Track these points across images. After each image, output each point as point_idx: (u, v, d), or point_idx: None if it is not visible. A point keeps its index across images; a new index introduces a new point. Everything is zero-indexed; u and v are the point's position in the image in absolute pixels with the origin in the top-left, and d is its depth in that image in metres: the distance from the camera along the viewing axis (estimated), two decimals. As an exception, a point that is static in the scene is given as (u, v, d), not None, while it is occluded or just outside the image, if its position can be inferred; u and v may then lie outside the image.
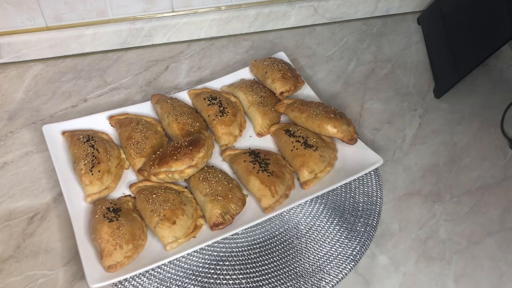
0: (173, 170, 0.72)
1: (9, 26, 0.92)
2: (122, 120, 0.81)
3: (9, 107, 0.89)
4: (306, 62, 1.00)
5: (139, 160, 0.76)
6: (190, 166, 0.72)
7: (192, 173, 0.73)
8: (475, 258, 0.71)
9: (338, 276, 0.67)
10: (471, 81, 0.95)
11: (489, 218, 0.76)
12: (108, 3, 0.93)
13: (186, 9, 0.98)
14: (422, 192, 0.79)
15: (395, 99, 0.93)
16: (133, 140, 0.77)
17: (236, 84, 0.90)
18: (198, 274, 0.67)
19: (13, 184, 0.78)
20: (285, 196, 0.73)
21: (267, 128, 0.83)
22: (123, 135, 0.79)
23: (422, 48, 1.03)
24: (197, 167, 0.73)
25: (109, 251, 0.64)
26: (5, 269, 0.69)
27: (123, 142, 0.78)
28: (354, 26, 1.08)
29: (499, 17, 0.85)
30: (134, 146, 0.77)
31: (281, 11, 1.03)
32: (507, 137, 0.87)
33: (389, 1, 1.07)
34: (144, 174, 0.73)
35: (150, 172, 0.73)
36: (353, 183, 0.77)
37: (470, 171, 0.82)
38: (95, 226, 0.67)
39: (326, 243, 0.70)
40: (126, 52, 1.00)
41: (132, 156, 0.76)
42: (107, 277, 0.63)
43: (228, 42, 1.03)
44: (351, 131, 0.80)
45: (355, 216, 0.73)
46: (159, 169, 0.72)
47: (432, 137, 0.87)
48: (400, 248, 0.72)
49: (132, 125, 0.79)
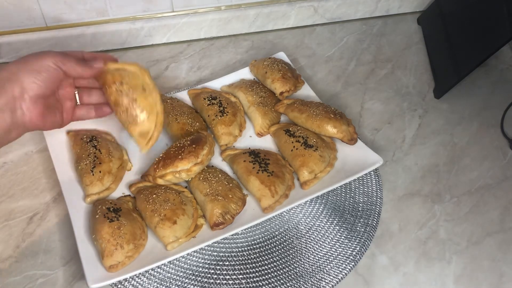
0: (179, 169, 0.72)
1: (9, 26, 0.92)
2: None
3: (9, 106, 0.89)
4: (306, 62, 1.00)
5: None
6: (196, 164, 0.72)
7: (199, 170, 0.73)
8: (475, 258, 0.71)
9: (338, 276, 0.67)
10: (471, 82, 0.95)
11: (489, 218, 0.76)
12: (108, 3, 0.93)
13: (186, 9, 0.98)
14: (422, 192, 0.79)
15: (395, 99, 0.93)
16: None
17: (236, 84, 0.90)
18: (198, 274, 0.67)
19: (12, 184, 0.78)
20: (285, 196, 0.73)
21: (267, 128, 0.83)
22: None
23: (422, 48, 1.03)
24: (203, 164, 0.73)
25: (110, 251, 0.64)
26: (4, 269, 0.69)
27: None
28: (354, 26, 1.08)
29: (499, 17, 0.85)
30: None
31: (281, 11, 1.03)
32: (507, 137, 0.87)
33: (389, 1, 1.07)
34: (149, 178, 0.73)
35: (156, 175, 0.72)
36: (353, 183, 0.77)
37: (470, 172, 0.82)
38: (96, 227, 0.67)
39: (326, 243, 0.70)
40: (126, 52, 1.00)
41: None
42: (107, 277, 0.63)
43: (228, 42, 1.03)
44: (351, 131, 0.80)
45: (355, 216, 0.73)
46: (165, 171, 0.72)
47: (432, 137, 0.87)
48: (400, 248, 0.72)
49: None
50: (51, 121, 0.67)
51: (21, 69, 0.62)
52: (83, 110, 0.73)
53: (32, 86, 0.62)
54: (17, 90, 0.61)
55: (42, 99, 0.64)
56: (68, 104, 0.71)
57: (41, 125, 0.65)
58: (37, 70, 0.62)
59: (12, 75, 0.61)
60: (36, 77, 0.62)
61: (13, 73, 0.61)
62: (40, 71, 0.62)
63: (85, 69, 0.67)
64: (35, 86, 0.62)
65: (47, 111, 0.65)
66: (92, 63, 0.68)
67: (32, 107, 0.63)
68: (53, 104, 0.68)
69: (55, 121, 0.69)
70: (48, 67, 0.63)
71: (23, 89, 0.61)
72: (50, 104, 0.67)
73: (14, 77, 0.61)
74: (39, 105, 0.63)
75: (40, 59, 0.63)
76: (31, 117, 0.63)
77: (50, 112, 0.67)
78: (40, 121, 0.64)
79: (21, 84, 0.61)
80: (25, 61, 0.63)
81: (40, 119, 0.64)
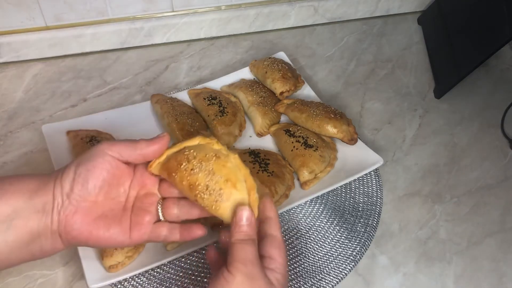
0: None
1: (8, 26, 0.92)
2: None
3: (9, 106, 0.89)
4: (306, 62, 1.00)
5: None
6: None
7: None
8: (475, 258, 0.71)
9: (338, 277, 0.67)
10: (471, 82, 0.95)
11: (489, 218, 0.76)
12: (108, 2, 0.93)
13: (186, 9, 0.98)
14: (422, 193, 0.79)
15: (395, 99, 0.93)
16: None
17: (236, 84, 0.90)
18: (198, 274, 0.67)
19: (12, 184, 0.78)
20: (285, 196, 0.73)
21: (267, 128, 0.83)
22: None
23: (422, 48, 1.03)
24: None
25: (110, 251, 0.64)
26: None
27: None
28: (354, 26, 1.08)
29: (499, 17, 0.85)
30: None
31: (281, 11, 1.03)
32: (507, 137, 0.87)
33: (389, 1, 1.07)
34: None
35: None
36: (353, 183, 0.77)
37: (470, 172, 0.82)
38: (95, 226, 0.67)
39: (326, 244, 0.70)
40: (126, 52, 1.00)
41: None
42: (106, 277, 0.63)
43: (228, 42, 1.03)
44: (351, 131, 0.80)
45: (355, 216, 0.73)
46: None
47: (432, 138, 0.87)
48: (400, 248, 0.72)
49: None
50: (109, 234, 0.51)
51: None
52: (164, 228, 0.55)
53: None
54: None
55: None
56: (146, 218, 0.54)
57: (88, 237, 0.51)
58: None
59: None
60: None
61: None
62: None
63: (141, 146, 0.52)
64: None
65: (101, 221, 0.51)
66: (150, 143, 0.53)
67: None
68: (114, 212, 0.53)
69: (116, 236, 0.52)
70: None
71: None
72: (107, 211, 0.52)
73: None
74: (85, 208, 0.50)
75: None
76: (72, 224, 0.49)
77: (107, 223, 0.51)
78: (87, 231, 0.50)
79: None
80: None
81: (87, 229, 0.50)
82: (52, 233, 0.49)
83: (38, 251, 0.49)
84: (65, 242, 0.50)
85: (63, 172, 0.50)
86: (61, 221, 0.49)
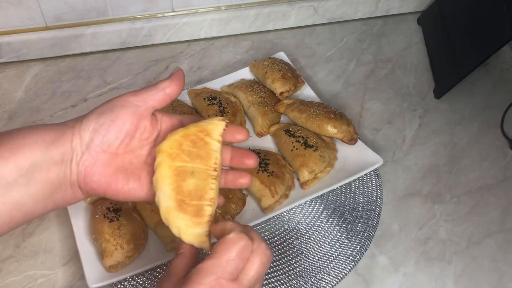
0: None
1: (8, 26, 0.92)
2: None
3: (9, 106, 0.89)
4: (306, 62, 1.00)
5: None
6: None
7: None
8: (475, 258, 0.71)
9: (338, 277, 0.67)
10: (471, 82, 0.95)
11: (489, 218, 0.76)
12: (108, 2, 0.93)
13: (186, 9, 0.98)
14: (422, 193, 0.79)
15: (395, 99, 0.93)
16: None
17: (236, 84, 0.90)
18: (198, 274, 0.67)
19: (12, 184, 0.78)
20: (285, 196, 0.73)
21: (267, 128, 0.83)
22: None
23: (422, 48, 1.03)
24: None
25: (110, 251, 0.64)
26: (4, 268, 0.69)
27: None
28: (354, 26, 1.08)
29: (499, 18, 0.85)
30: None
31: (281, 11, 1.03)
32: (507, 137, 0.87)
33: (389, 1, 1.07)
34: None
35: None
36: (353, 183, 0.77)
37: (470, 172, 0.82)
38: (96, 226, 0.67)
39: (326, 243, 0.70)
40: (126, 52, 1.00)
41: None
42: (107, 277, 0.63)
43: (228, 42, 1.03)
44: (351, 131, 0.80)
45: (355, 216, 0.73)
46: None
47: (432, 138, 0.87)
48: (400, 248, 0.72)
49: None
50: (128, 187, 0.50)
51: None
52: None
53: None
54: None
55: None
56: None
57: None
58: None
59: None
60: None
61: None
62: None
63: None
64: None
65: (120, 173, 0.50)
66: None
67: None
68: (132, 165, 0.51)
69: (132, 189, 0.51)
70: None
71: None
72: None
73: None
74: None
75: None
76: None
77: (126, 176, 0.50)
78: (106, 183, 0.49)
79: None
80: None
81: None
82: (71, 184, 0.48)
83: (60, 201, 0.49)
84: (84, 193, 0.50)
85: (82, 121, 0.48)
86: (80, 172, 0.48)
